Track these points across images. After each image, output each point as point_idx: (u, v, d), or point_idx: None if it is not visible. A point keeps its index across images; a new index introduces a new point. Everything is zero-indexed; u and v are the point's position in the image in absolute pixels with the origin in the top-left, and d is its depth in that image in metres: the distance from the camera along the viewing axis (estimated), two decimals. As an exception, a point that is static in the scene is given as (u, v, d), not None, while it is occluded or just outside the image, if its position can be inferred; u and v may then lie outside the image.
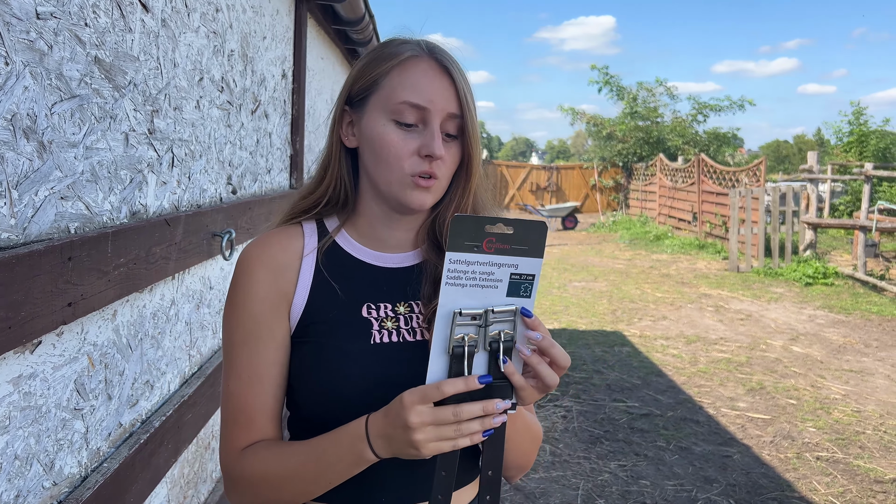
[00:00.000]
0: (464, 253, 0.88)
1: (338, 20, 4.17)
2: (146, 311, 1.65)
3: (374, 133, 1.07)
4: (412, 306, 1.12)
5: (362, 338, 1.07)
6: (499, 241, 0.89)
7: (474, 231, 0.88)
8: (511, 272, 0.90)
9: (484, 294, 0.90)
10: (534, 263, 0.91)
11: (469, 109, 1.07)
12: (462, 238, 0.88)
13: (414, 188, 1.06)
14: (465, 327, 0.91)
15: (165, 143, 1.72)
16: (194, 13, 1.89)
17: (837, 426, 4.80)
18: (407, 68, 1.06)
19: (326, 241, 1.13)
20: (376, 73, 1.08)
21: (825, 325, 7.88)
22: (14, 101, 1.07)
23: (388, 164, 1.06)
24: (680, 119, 23.48)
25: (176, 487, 1.88)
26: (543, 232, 0.90)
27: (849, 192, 18.53)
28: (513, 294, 0.92)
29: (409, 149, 1.04)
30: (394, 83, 1.06)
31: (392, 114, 1.05)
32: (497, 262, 0.90)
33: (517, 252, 0.90)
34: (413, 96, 1.04)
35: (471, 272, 0.89)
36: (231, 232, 2.13)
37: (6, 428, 1.09)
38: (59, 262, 1.16)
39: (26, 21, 1.10)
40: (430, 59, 1.07)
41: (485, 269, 0.89)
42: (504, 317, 0.91)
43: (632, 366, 6.11)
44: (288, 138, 3.28)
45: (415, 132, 1.05)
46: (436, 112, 1.05)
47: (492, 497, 0.99)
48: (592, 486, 3.85)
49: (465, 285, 0.89)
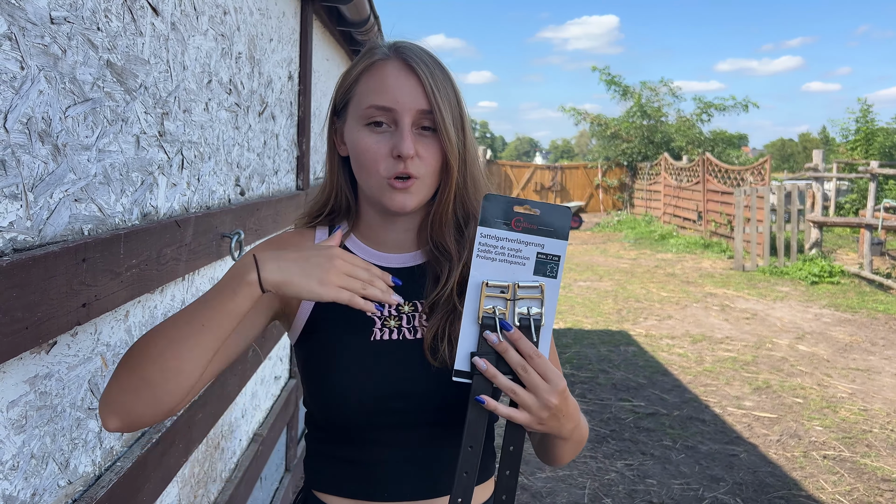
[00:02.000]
0: (493, 228, 0.95)
1: (343, 22, 4.19)
2: (157, 312, 1.67)
3: (352, 141, 1.09)
4: (416, 305, 1.14)
5: (363, 334, 1.10)
6: (526, 221, 0.95)
7: (504, 210, 0.95)
8: (538, 251, 0.95)
9: (512, 270, 0.95)
10: (559, 245, 0.96)
11: (438, 104, 1.06)
12: (492, 215, 0.95)
13: (392, 190, 1.07)
14: (494, 300, 0.95)
15: (175, 145, 1.74)
16: (203, 16, 1.91)
17: (844, 425, 4.80)
18: (373, 73, 1.08)
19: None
20: (349, 82, 1.11)
21: (831, 323, 7.87)
22: (29, 104, 1.09)
23: (366, 169, 1.08)
24: (684, 118, 23.46)
25: (187, 487, 1.90)
26: (568, 217, 0.95)
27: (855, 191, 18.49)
28: (539, 272, 0.96)
29: (383, 151, 1.06)
30: (362, 89, 1.09)
31: (363, 119, 1.07)
32: (525, 240, 0.95)
33: (543, 233, 0.95)
34: (378, 99, 1.06)
35: (500, 247, 0.95)
36: (240, 233, 2.15)
37: (23, 427, 1.10)
38: (73, 264, 1.17)
39: (41, 26, 1.11)
40: (396, 60, 1.08)
41: (513, 245, 0.95)
42: (531, 293, 0.95)
43: (637, 365, 6.11)
44: (294, 140, 3.30)
45: (388, 134, 1.07)
46: (403, 111, 1.05)
47: (507, 497, 0.99)
48: (599, 485, 3.86)
49: (494, 259, 0.95)
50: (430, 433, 1.11)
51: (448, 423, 1.11)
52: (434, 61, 1.10)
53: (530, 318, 0.95)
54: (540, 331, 0.96)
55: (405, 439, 1.10)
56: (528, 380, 0.94)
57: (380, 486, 1.10)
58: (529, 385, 0.94)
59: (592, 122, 24.88)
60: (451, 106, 1.09)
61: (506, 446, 0.98)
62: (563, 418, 0.98)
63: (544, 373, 0.94)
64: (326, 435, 1.13)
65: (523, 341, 0.94)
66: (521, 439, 0.98)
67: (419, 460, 1.10)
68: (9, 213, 1.04)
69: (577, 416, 1.03)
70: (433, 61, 1.10)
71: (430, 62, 1.09)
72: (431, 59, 1.10)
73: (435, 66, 1.10)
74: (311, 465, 1.17)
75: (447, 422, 1.10)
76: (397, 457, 1.10)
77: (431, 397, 1.07)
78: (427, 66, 1.08)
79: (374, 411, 1.06)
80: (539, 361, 0.94)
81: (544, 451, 1.14)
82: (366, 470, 1.10)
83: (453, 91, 1.11)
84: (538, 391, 0.94)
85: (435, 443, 1.11)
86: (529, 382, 0.94)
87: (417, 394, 1.07)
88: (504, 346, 0.94)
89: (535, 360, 0.94)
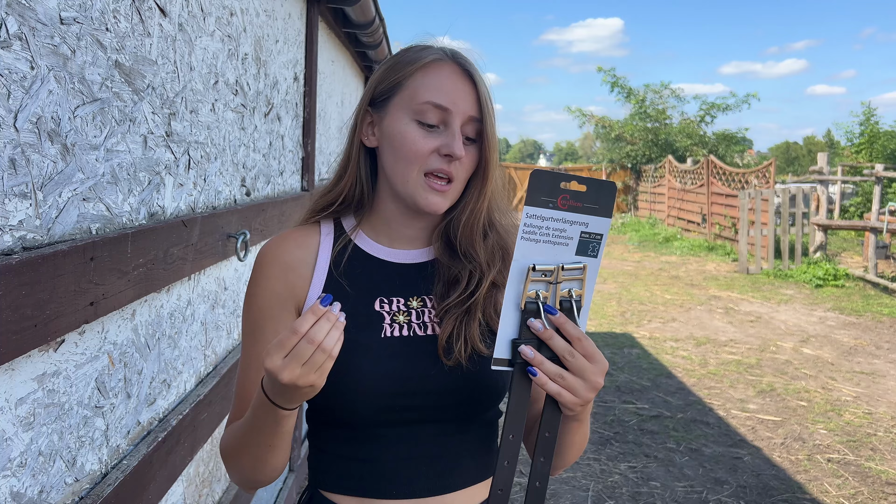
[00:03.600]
0: (540, 208, 0.91)
1: (348, 24, 4.20)
2: (163, 312, 1.68)
3: (396, 131, 1.10)
4: (425, 301, 1.14)
5: (373, 330, 1.10)
6: (572, 199, 0.92)
7: (550, 187, 0.91)
8: (582, 230, 0.93)
9: (555, 251, 0.93)
10: (603, 223, 0.93)
11: (489, 114, 1.11)
12: (539, 193, 0.91)
13: (429, 191, 1.08)
14: (537, 283, 0.93)
15: (182, 145, 1.74)
16: (210, 17, 1.92)
17: (849, 428, 4.79)
18: (430, 71, 1.10)
19: (342, 239, 1.17)
20: (400, 76, 1.11)
21: (836, 326, 7.85)
22: (39, 104, 1.10)
23: (406, 160, 1.08)
24: (688, 120, 23.45)
25: (192, 486, 1.91)
26: (613, 192, 0.93)
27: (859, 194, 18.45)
28: (581, 252, 0.94)
29: (430, 147, 1.07)
30: (417, 84, 1.09)
31: (415, 114, 1.08)
32: (570, 219, 0.92)
33: (588, 210, 0.93)
34: (436, 97, 1.07)
35: (545, 227, 0.92)
36: (246, 233, 2.16)
37: (31, 424, 1.11)
38: (81, 262, 1.18)
39: (51, 26, 1.12)
40: (454, 64, 1.11)
41: (558, 225, 0.92)
42: (573, 274, 0.93)
43: (641, 367, 6.11)
44: (300, 141, 3.31)
45: (435, 132, 1.08)
46: (457, 114, 1.08)
47: (541, 484, 0.98)
48: (603, 487, 3.86)
49: (538, 241, 0.92)
50: (439, 430, 1.11)
51: (458, 420, 1.11)
52: (481, 73, 1.14)
53: (571, 301, 0.94)
54: (580, 312, 0.94)
55: (414, 436, 1.10)
56: (574, 364, 0.93)
57: (389, 483, 1.10)
58: (575, 369, 0.93)
59: (597, 124, 24.86)
60: (495, 117, 1.13)
61: (542, 432, 0.97)
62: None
63: (590, 354, 0.94)
64: (333, 433, 1.13)
65: (569, 324, 0.93)
66: (558, 425, 0.97)
67: (428, 457, 1.10)
68: (18, 212, 1.05)
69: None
70: (481, 73, 1.14)
71: (481, 72, 1.14)
72: (480, 71, 1.14)
73: (484, 77, 1.14)
74: (317, 465, 1.16)
75: (457, 418, 1.11)
76: (406, 454, 1.10)
77: (442, 394, 1.08)
78: (480, 76, 1.12)
79: (385, 408, 1.07)
80: (585, 343, 0.93)
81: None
82: (374, 467, 1.10)
83: (493, 104, 1.15)
84: (585, 374, 0.93)
85: (444, 439, 1.11)
86: (576, 367, 0.93)
87: (429, 391, 1.07)
88: (549, 332, 0.93)
89: (582, 342, 0.93)
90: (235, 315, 2.32)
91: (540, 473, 0.97)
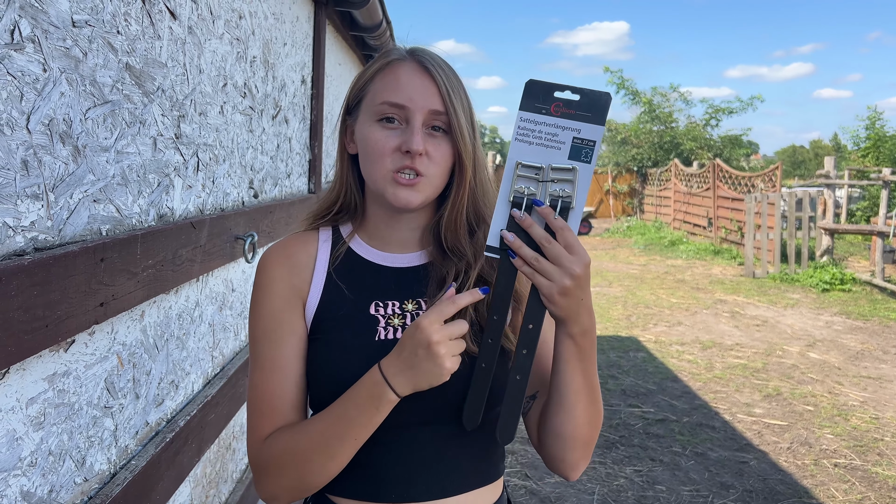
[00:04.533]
0: (533, 113, 0.98)
1: (355, 27, 4.22)
2: (172, 313, 1.68)
3: (362, 135, 1.13)
4: (420, 304, 1.15)
5: (367, 334, 1.11)
6: (565, 106, 0.98)
7: (544, 95, 0.98)
8: (574, 136, 0.98)
9: (548, 153, 0.99)
10: (596, 130, 0.98)
11: (452, 105, 1.10)
12: (533, 100, 0.98)
13: (396, 186, 1.09)
14: (528, 180, 0.99)
15: (191, 147, 1.75)
16: (219, 20, 1.93)
17: (855, 433, 4.77)
18: (389, 71, 1.12)
19: (339, 246, 1.19)
20: (364, 80, 1.15)
21: (842, 331, 7.82)
22: (51, 106, 1.10)
23: (372, 161, 1.10)
24: (694, 124, 23.42)
25: (199, 486, 1.91)
26: (608, 102, 0.98)
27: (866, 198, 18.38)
28: (574, 157, 0.98)
29: (391, 145, 1.09)
30: (377, 87, 1.12)
31: (375, 115, 1.10)
32: (562, 124, 0.98)
33: (581, 118, 0.98)
34: (392, 96, 1.09)
35: (537, 131, 0.98)
36: (253, 235, 2.16)
37: (41, 424, 1.12)
38: (92, 263, 1.19)
39: (63, 29, 1.13)
40: (412, 62, 1.12)
41: (550, 129, 0.98)
42: (564, 175, 0.98)
43: (647, 371, 6.10)
44: (307, 143, 3.32)
45: (398, 130, 1.10)
46: (416, 109, 1.08)
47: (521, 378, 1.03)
48: (608, 491, 3.85)
49: (531, 143, 0.99)
50: (436, 433, 1.11)
51: (455, 423, 1.11)
52: (448, 66, 1.14)
53: (560, 199, 0.98)
54: (569, 212, 0.98)
55: (412, 440, 1.10)
56: (551, 251, 0.97)
57: (387, 487, 1.10)
58: (552, 256, 0.97)
59: (602, 128, 24.79)
60: (465, 109, 1.12)
61: (525, 324, 1.01)
62: (585, 297, 0.99)
63: (570, 245, 0.97)
64: None
65: (551, 215, 0.97)
66: (541, 317, 1.00)
67: (426, 461, 1.10)
68: (30, 213, 1.06)
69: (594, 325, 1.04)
70: (448, 66, 1.14)
71: (445, 66, 1.13)
72: (446, 64, 1.14)
73: (449, 70, 1.13)
74: None
75: (454, 421, 1.10)
76: (404, 457, 1.10)
77: (437, 397, 1.07)
78: (442, 70, 1.12)
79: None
80: (566, 234, 0.97)
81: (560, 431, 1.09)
82: (373, 471, 1.10)
83: (466, 96, 1.14)
84: (561, 260, 0.96)
85: (442, 443, 1.11)
86: (552, 253, 0.97)
87: (423, 394, 1.07)
88: (528, 221, 0.98)
89: (563, 232, 0.97)
90: (243, 317, 2.33)
91: (521, 367, 1.02)
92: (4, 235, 1.00)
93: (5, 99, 0.99)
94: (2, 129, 0.98)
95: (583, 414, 1.07)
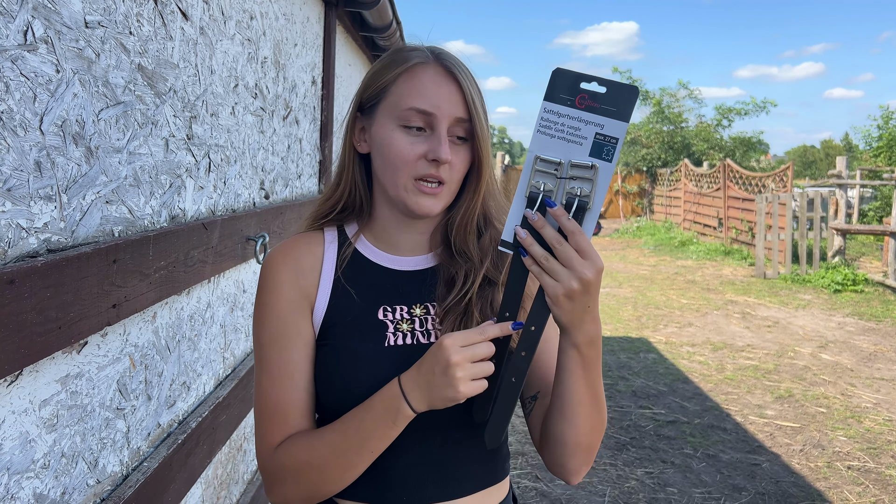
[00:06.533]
0: (557, 104, 0.95)
1: (365, 27, 4.21)
2: (184, 314, 1.68)
3: (383, 139, 1.09)
4: (428, 308, 1.14)
5: (377, 339, 1.10)
6: (590, 99, 0.94)
7: (570, 86, 0.94)
8: (597, 131, 0.94)
9: (568, 148, 0.95)
10: (619, 127, 0.94)
11: (477, 113, 1.09)
12: (559, 91, 0.94)
13: (419, 194, 1.08)
14: (546, 176, 0.96)
15: (203, 148, 1.75)
16: (230, 21, 1.93)
17: (869, 435, 4.72)
18: (414, 75, 1.09)
19: (346, 248, 1.16)
20: (384, 81, 1.11)
21: (855, 332, 7.76)
22: (64, 107, 1.10)
23: (395, 168, 1.08)
24: (705, 124, 23.33)
25: (210, 488, 1.91)
26: (634, 96, 0.93)
27: (878, 198, 18.24)
28: (595, 155, 0.94)
29: (416, 153, 1.07)
30: (401, 90, 1.09)
31: (399, 120, 1.08)
32: (585, 118, 0.94)
33: (605, 112, 0.94)
34: (419, 102, 1.06)
35: (560, 124, 0.95)
36: (265, 236, 2.16)
37: (54, 426, 1.12)
38: (104, 265, 1.19)
39: (76, 30, 1.13)
40: (437, 65, 1.09)
41: (573, 123, 0.94)
42: (583, 173, 0.94)
43: (657, 372, 6.06)
44: (317, 144, 3.32)
45: (422, 137, 1.08)
46: (442, 117, 1.07)
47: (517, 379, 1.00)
48: (619, 492, 3.83)
49: (553, 136, 0.95)
50: (445, 437, 1.10)
51: (463, 426, 1.10)
52: (470, 70, 1.13)
53: (577, 198, 0.94)
54: (585, 213, 0.94)
55: (421, 443, 1.09)
56: (561, 252, 0.93)
57: (398, 490, 1.10)
58: (562, 258, 0.93)
59: (612, 128, 24.75)
60: (485, 115, 1.11)
61: (528, 325, 0.98)
62: (591, 304, 0.95)
63: (583, 249, 0.93)
64: None
65: (564, 217, 0.93)
66: (545, 320, 0.97)
67: (435, 464, 1.10)
68: (43, 214, 1.06)
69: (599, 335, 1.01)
70: (469, 70, 1.12)
71: (468, 71, 1.12)
72: (468, 69, 1.12)
73: (472, 75, 1.12)
74: None
75: (462, 425, 1.10)
76: (413, 461, 1.09)
77: None
78: (466, 76, 1.10)
79: None
80: (578, 237, 0.93)
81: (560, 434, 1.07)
82: (382, 475, 1.09)
83: (483, 100, 1.13)
84: (571, 263, 0.92)
85: (451, 446, 1.11)
86: (563, 255, 0.93)
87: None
88: (541, 222, 0.94)
89: (576, 235, 0.93)
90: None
91: (518, 368, 0.99)
92: (18, 237, 1.00)
93: (18, 100, 0.99)
94: (15, 130, 0.98)
95: (585, 423, 1.05)
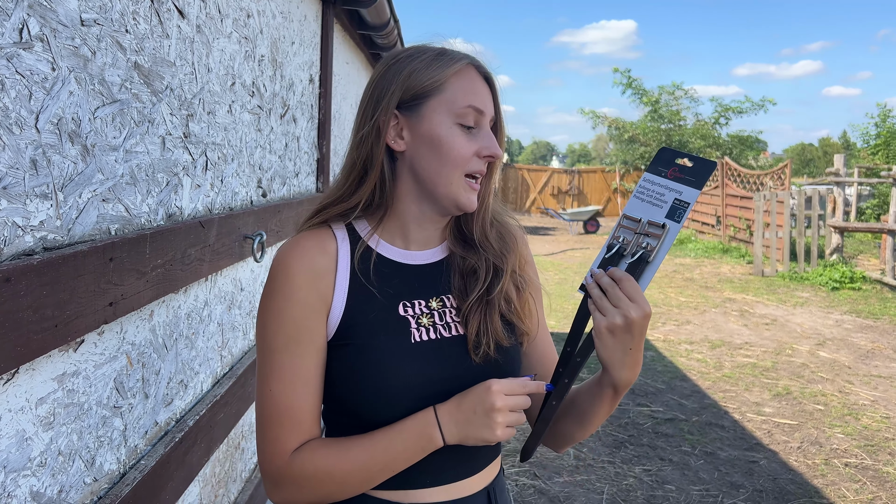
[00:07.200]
0: (656, 176, 1.11)
1: (363, 25, 4.21)
2: (181, 312, 1.68)
3: (440, 136, 1.11)
4: (444, 300, 1.16)
5: (403, 336, 1.11)
6: (679, 171, 1.10)
7: (668, 160, 1.11)
8: (675, 197, 1.08)
9: (651, 209, 1.09)
10: (693, 194, 1.08)
11: (501, 112, 1.20)
12: (659, 164, 1.11)
13: (469, 190, 1.14)
14: (627, 231, 1.09)
15: (200, 146, 1.75)
16: (227, 19, 1.93)
17: (866, 432, 4.74)
18: (467, 74, 1.14)
19: (359, 246, 1.15)
20: (434, 79, 1.12)
21: (853, 329, 7.77)
22: (60, 105, 1.10)
23: (453, 164, 1.12)
24: (702, 122, 23.34)
25: (208, 486, 1.91)
26: (711, 170, 1.08)
27: (876, 196, 18.26)
28: (670, 216, 1.07)
29: (472, 150, 1.13)
30: (456, 88, 1.12)
31: (458, 117, 1.12)
32: (671, 186, 1.09)
33: (686, 182, 1.09)
34: (475, 100, 1.13)
35: (651, 190, 1.10)
36: (262, 234, 2.16)
37: (51, 424, 1.12)
38: (101, 263, 1.19)
39: (71, 28, 1.13)
40: (481, 68, 1.17)
41: (661, 189, 1.10)
42: (654, 230, 1.07)
43: (656, 370, 6.07)
44: (315, 142, 3.32)
45: (472, 135, 1.14)
46: (488, 116, 1.15)
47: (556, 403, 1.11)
48: (617, 490, 3.83)
49: (643, 199, 1.10)
50: None
51: None
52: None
53: (642, 250, 1.07)
54: (645, 265, 1.06)
55: None
56: (612, 294, 1.03)
57: (422, 474, 1.12)
58: (613, 299, 1.03)
59: (610, 126, 24.79)
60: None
61: (575, 357, 1.09)
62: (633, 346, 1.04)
63: (631, 295, 1.02)
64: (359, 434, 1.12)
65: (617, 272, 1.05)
66: (589, 353, 1.08)
67: (453, 450, 1.11)
68: (39, 213, 1.06)
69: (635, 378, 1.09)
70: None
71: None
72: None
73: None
74: None
75: None
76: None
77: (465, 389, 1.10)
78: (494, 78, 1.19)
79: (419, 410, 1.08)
80: (627, 284, 1.03)
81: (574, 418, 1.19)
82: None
83: None
84: (619, 302, 1.02)
85: None
86: (613, 296, 1.03)
87: (458, 390, 1.09)
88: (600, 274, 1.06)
89: (624, 282, 1.03)
90: (251, 316, 2.33)
91: (560, 394, 1.11)
92: (14, 235, 1.00)
93: (14, 98, 0.99)
94: (11, 128, 0.98)
95: (595, 426, 1.19)
